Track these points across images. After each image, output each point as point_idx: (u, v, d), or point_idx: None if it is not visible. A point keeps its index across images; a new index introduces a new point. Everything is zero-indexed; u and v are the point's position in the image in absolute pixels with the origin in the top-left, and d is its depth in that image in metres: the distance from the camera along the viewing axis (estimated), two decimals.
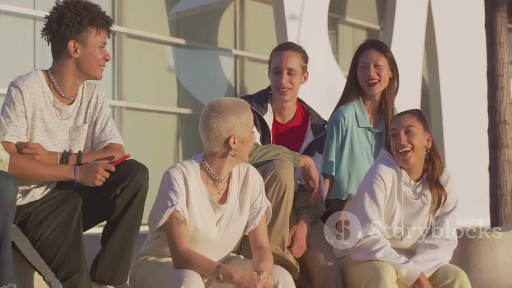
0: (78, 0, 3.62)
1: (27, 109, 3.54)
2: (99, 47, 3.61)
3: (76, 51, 3.58)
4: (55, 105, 3.62)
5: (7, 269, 3.20)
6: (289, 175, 3.78)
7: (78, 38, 3.57)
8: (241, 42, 9.29)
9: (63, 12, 3.57)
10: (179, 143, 8.67)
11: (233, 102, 3.41)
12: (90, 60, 3.61)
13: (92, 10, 3.59)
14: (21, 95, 3.53)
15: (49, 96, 3.61)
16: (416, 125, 3.84)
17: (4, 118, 3.53)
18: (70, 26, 3.56)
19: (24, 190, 3.54)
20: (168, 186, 3.39)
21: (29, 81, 3.57)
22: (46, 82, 3.62)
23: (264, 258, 3.40)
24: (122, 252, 3.60)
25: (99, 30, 3.61)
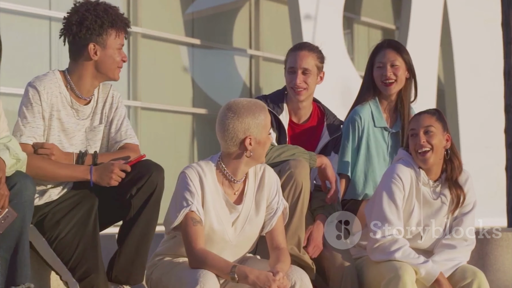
0: (97, 1, 3.63)
1: (44, 110, 3.55)
2: (117, 49, 3.63)
3: (96, 54, 3.60)
4: (72, 105, 3.63)
5: (25, 269, 3.21)
6: (305, 175, 3.77)
7: (98, 40, 3.59)
8: (256, 42, 9.29)
9: (83, 14, 3.58)
10: (194, 143, 8.67)
11: (250, 103, 3.40)
12: (109, 62, 3.62)
13: (112, 13, 3.60)
14: (38, 96, 3.54)
15: (66, 96, 3.62)
16: (436, 125, 3.82)
17: (21, 118, 3.54)
18: (91, 29, 3.57)
19: (41, 190, 3.55)
20: (183, 186, 3.39)
21: (47, 82, 3.58)
22: (63, 83, 3.63)
23: (280, 259, 3.40)
24: (138, 252, 3.61)
25: (118, 33, 3.62)
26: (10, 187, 3.16)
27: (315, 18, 8.74)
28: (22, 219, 3.19)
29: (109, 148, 3.75)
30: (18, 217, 3.16)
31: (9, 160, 3.20)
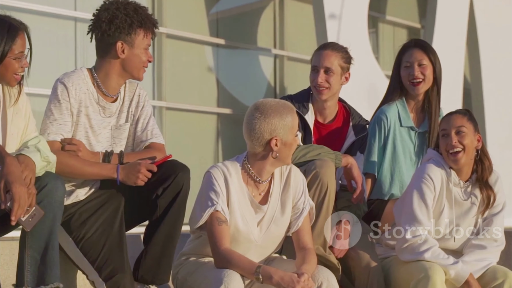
0: (128, 1, 3.65)
1: (72, 106, 3.58)
2: (144, 49, 3.65)
3: (123, 52, 3.62)
4: (99, 102, 3.66)
5: (55, 268, 3.24)
6: (330, 175, 3.76)
7: (127, 39, 3.61)
8: (281, 42, 9.28)
9: (114, 13, 3.61)
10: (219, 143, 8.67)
11: (278, 104, 3.39)
12: (135, 62, 3.64)
13: (141, 13, 3.62)
14: (66, 92, 3.57)
15: (93, 93, 3.64)
16: (467, 125, 3.80)
17: (48, 116, 3.57)
18: (120, 28, 3.59)
19: (68, 190, 3.57)
20: (208, 185, 3.39)
21: (75, 78, 3.61)
22: (90, 80, 3.66)
23: (307, 260, 3.39)
24: (164, 252, 3.62)
25: (147, 33, 3.64)
26: (41, 187, 3.19)
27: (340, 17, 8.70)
28: (52, 219, 3.22)
29: (135, 147, 3.76)
30: (48, 217, 3.18)
31: (39, 162, 3.23)
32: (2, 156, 2.96)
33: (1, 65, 3.26)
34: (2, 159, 2.95)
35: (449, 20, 10.39)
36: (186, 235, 3.72)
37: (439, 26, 10.24)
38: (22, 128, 3.41)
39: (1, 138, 3.34)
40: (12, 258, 3.44)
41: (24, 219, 3.03)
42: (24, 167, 3.11)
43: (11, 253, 3.50)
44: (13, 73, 3.31)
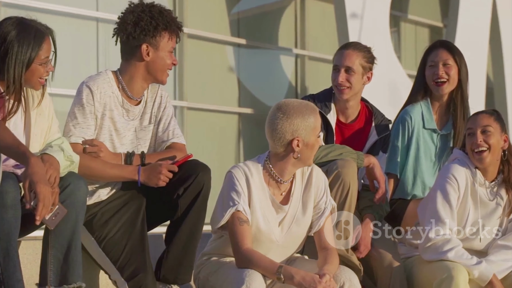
0: (153, 4, 3.66)
1: (96, 109, 3.59)
2: (169, 52, 3.65)
3: (148, 55, 3.62)
4: (123, 105, 3.67)
5: (77, 268, 3.25)
6: (352, 175, 3.75)
7: (151, 42, 3.61)
8: (302, 41, 9.26)
9: (139, 15, 3.61)
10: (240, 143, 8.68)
11: (301, 105, 3.38)
12: (160, 64, 3.64)
13: (166, 16, 3.63)
14: (91, 96, 3.58)
15: (117, 96, 3.65)
16: (493, 125, 3.77)
17: (71, 119, 3.58)
18: (146, 30, 3.59)
19: (90, 190, 3.59)
20: (230, 185, 3.39)
21: (100, 81, 3.62)
22: (115, 83, 3.67)
23: (328, 260, 3.38)
24: (186, 251, 3.62)
25: (171, 36, 3.65)
26: (64, 187, 3.21)
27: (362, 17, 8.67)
28: (74, 219, 3.23)
29: (156, 147, 3.77)
30: (71, 217, 3.20)
31: (63, 161, 3.25)
32: (26, 156, 2.98)
33: (28, 70, 3.29)
34: (27, 159, 2.97)
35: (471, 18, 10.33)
36: (207, 235, 3.72)
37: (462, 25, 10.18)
38: (45, 129, 3.43)
39: (25, 139, 3.36)
40: (36, 257, 3.46)
41: (47, 217, 3.05)
42: (49, 166, 3.13)
43: (34, 253, 3.52)
44: (39, 77, 3.34)
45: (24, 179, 2.97)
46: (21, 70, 3.27)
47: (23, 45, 3.27)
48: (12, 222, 3.07)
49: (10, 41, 3.26)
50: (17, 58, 3.26)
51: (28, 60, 3.28)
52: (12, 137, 3.03)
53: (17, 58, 3.27)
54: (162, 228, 3.80)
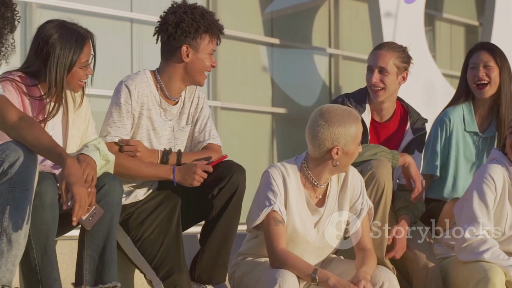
0: (195, 5, 3.66)
1: (134, 109, 3.61)
2: (209, 54, 3.66)
3: (187, 56, 3.64)
4: (161, 105, 3.68)
5: (113, 267, 3.27)
6: (387, 175, 3.73)
7: (192, 43, 3.62)
8: (336, 41, 9.22)
9: (181, 16, 3.62)
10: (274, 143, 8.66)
11: (343, 113, 3.35)
12: (199, 66, 3.66)
13: (208, 18, 3.64)
14: (129, 95, 3.60)
15: (155, 96, 3.67)
16: None
17: (108, 118, 3.61)
18: (187, 32, 3.61)
19: (127, 190, 3.61)
20: (266, 185, 3.38)
21: (138, 81, 3.64)
22: (153, 82, 3.69)
23: (366, 261, 3.37)
24: (220, 252, 3.63)
25: (212, 38, 3.66)
26: (99, 187, 3.23)
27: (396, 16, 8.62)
28: (110, 219, 3.26)
29: (192, 147, 3.79)
30: (106, 217, 3.22)
31: (99, 160, 3.27)
32: (63, 157, 3.01)
33: (69, 73, 3.32)
34: (63, 160, 3.00)
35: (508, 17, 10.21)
36: (241, 235, 3.73)
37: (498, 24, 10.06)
38: (82, 130, 3.47)
39: (62, 140, 3.40)
40: (72, 257, 3.49)
41: (84, 218, 3.07)
42: (85, 165, 3.15)
43: (70, 252, 3.55)
44: (78, 80, 3.38)
45: (61, 181, 2.99)
46: (62, 73, 3.31)
47: (65, 48, 3.30)
48: (50, 222, 3.10)
49: (52, 44, 3.30)
50: (59, 61, 3.30)
51: (70, 63, 3.32)
52: (49, 139, 3.06)
53: (59, 61, 3.30)
54: (197, 228, 3.81)
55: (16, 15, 3.01)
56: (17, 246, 2.97)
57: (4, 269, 2.96)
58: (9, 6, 2.99)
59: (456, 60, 10.52)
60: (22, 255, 3.02)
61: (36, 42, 3.35)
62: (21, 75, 3.36)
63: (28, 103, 3.33)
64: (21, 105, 3.29)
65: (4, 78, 3.32)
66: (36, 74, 3.36)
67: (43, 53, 3.32)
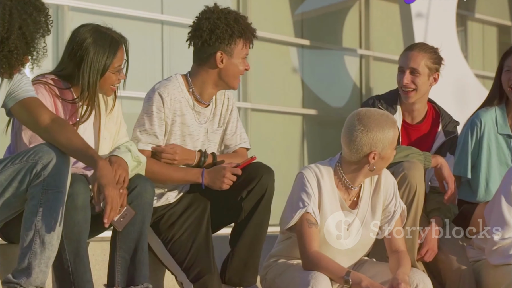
0: (228, 10, 3.67)
1: (167, 116, 3.62)
2: (242, 59, 3.66)
3: (222, 62, 3.63)
4: (194, 108, 3.69)
5: (144, 269, 3.29)
6: (419, 177, 3.70)
7: (226, 49, 3.62)
8: (366, 42, 9.19)
9: (215, 22, 3.61)
10: (304, 144, 8.65)
11: (381, 117, 3.34)
12: (233, 71, 3.65)
13: (242, 23, 3.63)
14: (161, 102, 3.60)
15: (188, 100, 3.68)
16: None
17: (139, 125, 3.62)
18: (221, 38, 3.60)
19: (159, 193, 3.62)
20: (300, 187, 3.38)
21: (170, 87, 3.64)
22: (185, 87, 3.69)
23: (401, 263, 3.36)
24: (250, 254, 3.63)
25: (246, 43, 3.65)
26: (131, 189, 3.24)
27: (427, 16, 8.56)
28: (141, 221, 3.27)
29: (223, 149, 3.79)
30: (138, 218, 3.23)
31: (130, 162, 3.29)
32: (94, 160, 3.02)
33: (101, 78, 3.34)
34: (95, 162, 3.01)
35: None
36: (271, 237, 3.72)
37: None
38: (114, 132, 3.49)
39: (94, 143, 3.42)
40: (104, 258, 3.51)
41: (116, 219, 3.08)
42: (117, 167, 3.17)
43: (102, 254, 3.57)
44: (111, 84, 3.40)
45: (93, 182, 3.01)
46: (95, 77, 3.33)
47: (99, 52, 3.32)
48: (82, 223, 3.12)
49: (86, 48, 3.32)
50: (92, 65, 3.32)
51: (103, 68, 3.34)
52: (81, 141, 3.08)
53: (92, 65, 3.32)
54: (226, 230, 3.81)
55: (49, 19, 3.04)
56: (50, 248, 3.00)
57: (38, 270, 2.99)
58: (41, 10, 3.01)
59: (488, 60, 10.43)
60: (55, 257, 3.04)
61: (70, 45, 3.37)
62: (54, 78, 3.39)
63: (60, 106, 3.36)
64: (54, 108, 3.32)
65: (37, 81, 3.35)
66: (69, 78, 3.39)
67: (77, 57, 3.34)
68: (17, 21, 2.92)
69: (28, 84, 3.16)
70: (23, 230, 3.01)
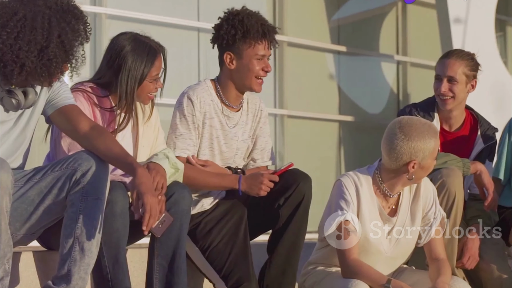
0: (237, 11, 3.66)
1: (197, 119, 3.63)
2: (255, 59, 3.63)
3: (232, 63, 3.64)
4: (223, 112, 3.70)
5: (182, 276, 3.29)
6: (458, 184, 3.67)
7: (233, 50, 3.62)
8: (404, 48, 9.13)
9: (221, 24, 3.64)
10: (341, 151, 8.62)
11: (423, 127, 3.32)
12: (244, 72, 3.64)
13: (247, 23, 3.60)
14: (192, 106, 3.62)
15: (217, 104, 3.69)
16: None
17: (174, 130, 3.63)
18: (225, 39, 3.61)
19: (193, 200, 3.62)
20: (339, 194, 3.36)
21: (199, 91, 3.65)
22: (214, 91, 3.70)
23: (442, 271, 3.33)
24: (289, 261, 3.62)
25: (254, 43, 3.62)
26: (168, 196, 3.25)
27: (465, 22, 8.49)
28: (179, 228, 3.28)
29: (248, 162, 3.80)
30: (176, 225, 3.24)
31: (168, 169, 3.30)
32: (133, 167, 3.03)
33: (139, 86, 3.36)
34: (134, 170, 3.03)
35: None
36: (309, 244, 3.71)
37: None
38: (152, 140, 3.50)
39: (132, 150, 3.43)
40: (142, 265, 3.52)
41: (154, 226, 3.09)
42: (155, 174, 3.18)
43: (140, 261, 3.58)
44: (148, 93, 3.41)
45: (132, 190, 3.02)
46: (133, 85, 3.35)
47: (137, 61, 3.34)
48: (121, 230, 3.13)
49: (124, 56, 3.34)
50: (130, 73, 3.34)
51: (141, 76, 3.36)
52: (120, 148, 3.09)
53: (130, 73, 3.34)
54: (264, 237, 3.80)
55: (87, 27, 3.06)
56: (90, 255, 3.01)
57: (77, 277, 3.00)
58: (80, 18, 3.03)
59: None
60: (94, 264, 3.06)
61: (109, 53, 3.39)
62: (92, 86, 3.41)
63: (98, 114, 3.38)
64: (92, 116, 3.34)
65: (75, 89, 3.38)
66: (107, 86, 3.41)
67: (115, 65, 3.36)
68: (56, 29, 2.94)
69: (68, 92, 3.19)
70: (62, 237, 3.03)
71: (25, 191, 3.04)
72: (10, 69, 2.92)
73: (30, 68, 2.93)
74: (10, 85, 3.02)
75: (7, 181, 2.81)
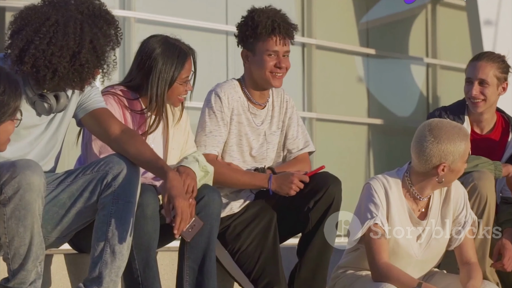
0: (254, 9, 3.70)
1: (226, 115, 3.65)
2: (267, 55, 3.64)
3: (247, 60, 3.67)
4: (250, 109, 3.71)
5: (212, 279, 3.30)
6: (489, 187, 3.65)
7: (248, 47, 3.67)
8: (433, 50, 9.08)
9: (239, 22, 3.69)
10: (370, 154, 8.59)
11: (454, 129, 3.30)
12: (258, 68, 3.66)
13: (257, 19, 3.63)
14: (220, 102, 3.64)
15: (243, 101, 3.70)
16: None
17: (203, 128, 3.64)
18: (241, 36, 3.67)
19: (223, 203, 3.63)
20: (368, 197, 3.35)
21: (226, 87, 3.68)
22: (240, 89, 3.72)
23: (473, 275, 3.32)
24: (318, 265, 3.62)
25: (264, 39, 3.63)
26: (198, 199, 3.26)
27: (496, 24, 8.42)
28: (209, 231, 3.28)
29: (286, 153, 3.78)
30: (206, 229, 3.25)
31: (198, 172, 3.31)
32: (164, 170, 3.05)
33: (169, 89, 3.38)
34: (165, 173, 3.04)
35: None
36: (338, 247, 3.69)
37: None
38: (182, 143, 3.52)
39: (163, 153, 3.45)
40: (172, 268, 3.53)
41: (184, 229, 3.10)
42: (185, 177, 3.19)
43: (171, 264, 3.59)
44: (178, 95, 3.43)
45: (163, 193, 3.03)
46: (163, 87, 3.37)
47: (167, 63, 3.36)
48: (151, 233, 3.15)
49: (155, 58, 3.36)
50: (160, 75, 3.36)
51: (171, 79, 3.38)
52: (151, 152, 3.10)
53: (160, 76, 3.36)
54: (293, 240, 3.80)
55: (118, 32, 3.07)
56: (121, 258, 3.03)
57: (108, 280, 3.02)
58: (111, 23, 3.05)
59: None
60: (125, 266, 3.07)
61: (139, 56, 3.42)
62: (122, 89, 3.43)
63: (129, 117, 3.40)
64: (123, 119, 3.36)
65: (106, 92, 3.40)
66: (137, 88, 3.43)
67: (145, 67, 3.38)
68: (88, 35, 2.96)
69: (98, 95, 3.21)
70: (94, 240, 3.05)
71: (56, 194, 3.06)
72: (43, 74, 2.94)
73: (62, 74, 2.94)
74: (42, 89, 3.05)
75: (40, 184, 2.83)
